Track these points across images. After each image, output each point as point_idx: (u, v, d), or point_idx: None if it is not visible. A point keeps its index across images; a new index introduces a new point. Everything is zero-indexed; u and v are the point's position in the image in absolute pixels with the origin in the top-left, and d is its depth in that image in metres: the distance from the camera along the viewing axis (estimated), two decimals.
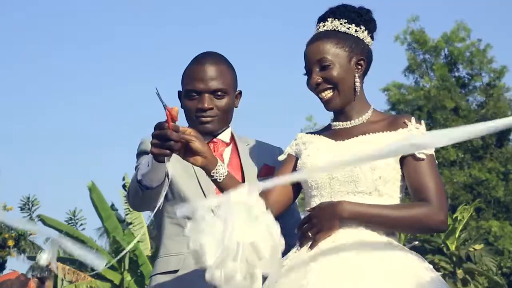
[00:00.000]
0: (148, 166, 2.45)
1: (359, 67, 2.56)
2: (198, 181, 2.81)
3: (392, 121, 2.55)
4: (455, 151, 27.57)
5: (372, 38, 2.62)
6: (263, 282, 2.54)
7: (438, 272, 2.40)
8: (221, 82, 2.83)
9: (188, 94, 2.84)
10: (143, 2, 54.81)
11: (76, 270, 19.57)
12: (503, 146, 28.44)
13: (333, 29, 2.56)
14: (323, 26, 2.58)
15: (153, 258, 17.31)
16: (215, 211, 2.13)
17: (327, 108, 2.57)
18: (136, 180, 2.53)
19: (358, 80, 2.56)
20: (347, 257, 2.33)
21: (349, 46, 2.54)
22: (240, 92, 2.94)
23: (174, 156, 2.41)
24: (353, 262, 2.31)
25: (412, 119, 2.53)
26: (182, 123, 2.43)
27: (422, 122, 2.54)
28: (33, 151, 52.15)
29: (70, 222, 23.35)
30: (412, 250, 2.46)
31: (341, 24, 2.56)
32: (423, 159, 2.46)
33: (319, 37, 2.56)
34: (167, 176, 2.46)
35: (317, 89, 2.55)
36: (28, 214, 23.55)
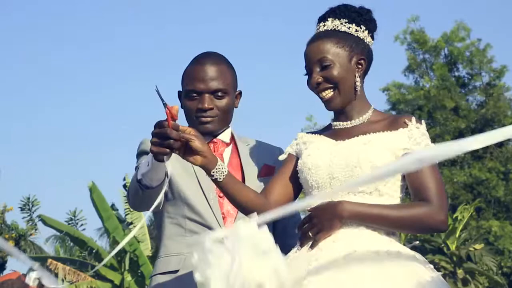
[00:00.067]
0: (148, 165, 2.45)
1: (360, 66, 2.56)
2: (198, 180, 2.81)
3: (393, 121, 2.54)
4: None
5: (372, 38, 2.62)
6: None
7: (438, 272, 2.40)
8: (221, 82, 2.83)
9: (188, 94, 2.84)
10: (143, 2, 54.82)
11: (76, 270, 19.56)
12: (503, 146, 28.43)
13: (333, 28, 2.56)
14: (324, 25, 2.58)
15: (153, 258, 17.31)
16: (223, 241, 2.10)
17: (328, 107, 2.57)
18: (136, 180, 2.53)
19: (358, 79, 2.56)
20: (347, 256, 2.32)
21: (349, 45, 2.54)
22: (240, 92, 2.94)
23: (174, 156, 2.41)
24: (353, 262, 2.30)
25: (413, 118, 2.52)
26: (182, 123, 2.42)
27: (423, 121, 2.54)
28: (33, 151, 52.16)
29: (71, 222, 23.34)
30: (412, 250, 2.45)
31: (341, 23, 2.56)
32: None
33: (319, 36, 2.56)
34: (167, 175, 2.45)
35: (317, 88, 2.55)
36: (28, 214, 23.53)
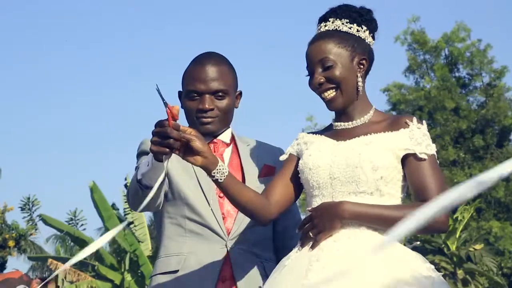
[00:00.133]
0: (148, 165, 2.44)
1: (361, 66, 2.55)
2: (198, 181, 2.81)
3: (394, 121, 2.54)
4: (455, 151, 27.56)
5: (373, 37, 2.61)
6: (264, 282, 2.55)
7: (438, 273, 2.40)
8: (222, 83, 2.82)
9: (189, 95, 2.84)
10: (143, 2, 54.81)
11: (76, 270, 19.55)
12: (503, 147, 28.42)
13: (334, 28, 2.55)
14: (325, 26, 2.57)
15: (153, 258, 17.30)
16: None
17: (330, 108, 2.56)
18: (136, 180, 2.53)
19: (360, 79, 2.55)
20: (348, 257, 2.32)
21: (351, 45, 2.53)
22: (240, 93, 2.93)
23: (174, 156, 2.40)
24: (354, 262, 2.29)
25: (414, 119, 2.52)
26: (183, 123, 2.41)
27: (424, 122, 2.53)
28: (33, 151, 52.18)
29: (71, 222, 23.33)
30: (413, 250, 2.45)
31: (342, 24, 2.55)
32: (424, 159, 2.45)
33: (320, 37, 2.55)
34: (166, 175, 2.44)
35: (319, 89, 2.54)
36: (28, 214, 23.53)
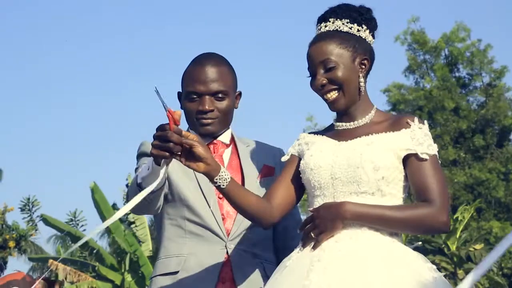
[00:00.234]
0: (148, 169, 2.44)
1: (363, 66, 2.54)
2: (198, 182, 2.80)
3: (395, 121, 2.53)
4: (456, 151, 27.55)
5: (373, 36, 2.60)
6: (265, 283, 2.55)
7: (440, 273, 2.39)
8: (221, 84, 2.82)
9: (189, 96, 2.83)
10: (143, 2, 54.79)
11: (77, 270, 19.56)
12: (503, 146, 28.41)
13: (335, 29, 2.54)
14: (325, 26, 2.56)
15: (154, 258, 17.30)
16: None
17: (332, 109, 2.55)
18: (136, 184, 2.52)
19: (362, 80, 2.54)
20: (350, 257, 2.32)
21: (352, 46, 2.52)
22: (240, 93, 2.92)
23: (174, 161, 2.39)
24: (356, 262, 2.30)
25: (415, 119, 2.51)
26: (183, 124, 2.41)
27: (425, 122, 2.53)
28: (34, 151, 52.17)
29: (71, 223, 23.33)
30: (414, 250, 2.45)
31: (343, 24, 2.54)
32: (426, 159, 2.44)
33: (321, 37, 2.54)
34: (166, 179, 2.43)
35: (322, 90, 2.53)
36: (28, 215, 23.53)
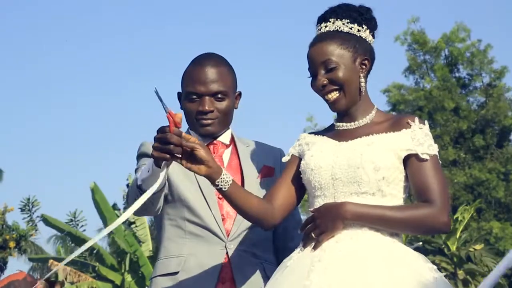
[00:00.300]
0: (148, 171, 2.44)
1: (364, 67, 2.54)
2: (197, 182, 2.80)
3: (396, 121, 2.53)
4: (455, 151, 27.55)
5: (373, 36, 2.60)
6: (266, 282, 2.55)
7: (441, 273, 2.39)
8: (221, 84, 2.82)
9: (189, 97, 2.83)
10: (143, 2, 54.82)
11: (77, 271, 19.57)
12: (503, 147, 28.42)
13: (335, 29, 2.54)
14: (325, 26, 2.55)
15: (154, 259, 17.31)
16: None
17: (333, 109, 2.55)
18: (136, 185, 2.52)
19: (363, 80, 2.54)
20: (350, 257, 2.32)
21: (353, 46, 2.52)
22: (240, 93, 2.92)
23: (174, 162, 2.39)
24: (356, 263, 2.30)
25: (416, 119, 2.51)
26: (183, 125, 2.41)
27: (426, 122, 2.53)
28: (34, 151, 52.21)
29: (71, 223, 23.34)
30: (415, 250, 2.45)
31: (343, 24, 2.54)
32: (426, 160, 2.44)
33: (322, 38, 2.53)
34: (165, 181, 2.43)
35: (323, 91, 2.53)
36: (28, 215, 23.54)
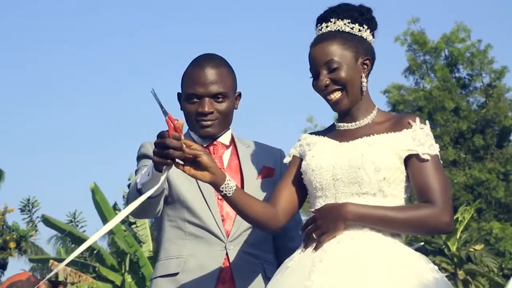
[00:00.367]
0: (148, 175, 2.44)
1: (365, 66, 2.54)
2: (197, 183, 2.79)
3: (397, 121, 2.53)
4: (455, 151, 27.56)
5: (373, 36, 2.60)
6: (266, 283, 2.55)
7: (442, 273, 2.39)
8: (221, 86, 2.81)
9: (188, 98, 2.83)
10: (143, 2, 54.83)
11: (77, 271, 19.57)
12: (503, 147, 28.42)
13: (337, 29, 2.53)
14: (326, 26, 2.55)
15: (154, 259, 17.31)
16: None
17: (335, 109, 2.55)
18: (136, 189, 2.52)
19: (365, 80, 2.54)
20: (351, 258, 2.32)
21: (354, 46, 2.51)
22: (239, 94, 2.92)
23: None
24: (357, 263, 2.30)
25: (417, 119, 2.51)
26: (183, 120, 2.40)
27: (427, 122, 2.52)
28: (34, 152, 52.21)
29: (71, 224, 23.35)
30: (416, 251, 2.45)
31: (345, 24, 2.54)
32: (427, 160, 2.44)
33: (324, 38, 2.53)
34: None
35: (325, 91, 2.52)
36: (28, 216, 23.55)
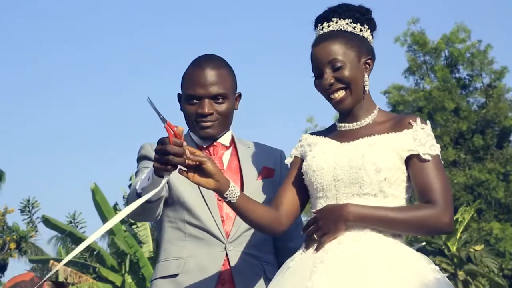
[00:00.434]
0: (148, 180, 2.44)
1: (367, 66, 2.55)
2: (198, 187, 2.79)
3: (398, 121, 2.52)
4: (455, 152, 27.55)
5: (372, 37, 2.60)
6: (267, 284, 2.55)
7: (443, 274, 2.39)
8: (221, 87, 2.81)
9: (188, 99, 2.82)
10: (143, 2, 54.83)
11: (78, 272, 19.56)
12: (503, 147, 28.42)
13: (339, 29, 2.53)
14: (328, 26, 2.55)
15: (154, 260, 17.31)
16: None
17: (338, 108, 2.55)
18: (136, 193, 2.53)
19: (367, 79, 2.54)
20: (353, 259, 2.32)
21: (357, 46, 2.52)
22: (239, 94, 2.92)
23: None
24: (358, 264, 2.30)
25: (418, 119, 2.50)
26: (183, 126, 2.41)
27: (428, 122, 2.52)
28: (34, 152, 52.23)
29: (70, 225, 23.35)
30: (417, 251, 2.45)
31: (347, 24, 2.54)
32: (428, 160, 2.44)
33: (326, 37, 2.53)
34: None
35: (329, 89, 2.52)
36: (28, 216, 23.56)
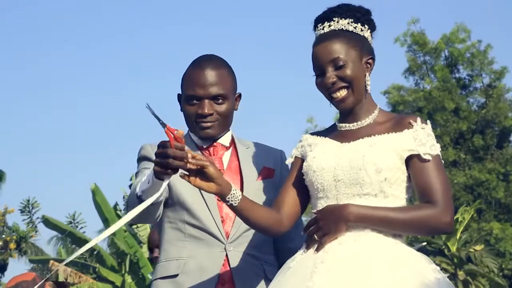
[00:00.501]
0: (148, 183, 2.45)
1: (369, 66, 2.55)
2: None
3: (398, 121, 2.52)
4: (455, 152, 27.56)
5: (371, 37, 2.60)
6: (267, 284, 2.55)
7: (444, 274, 2.39)
8: (221, 87, 2.81)
9: (188, 99, 2.82)
10: (143, 2, 54.84)
11: (78, 272, 19.56)
12: (503, 148, 28.42)
13: (340, 28, 2.53)
14: (329, 26, 2.55)
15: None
16: None
17: (340, 108, 2.55)
18: (136, 196, 2.53)
19: (368, 79, 2.54)
20: (353, 259, 2.32)
21: (358, 45, 2.52)
22: (239, 95, 2.92)
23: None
24: (359, 264, 2.30)
25: (418, 119, 2.50)
26: (183, 127, 2.41)
27: (428, 122, 2.52)
28: (34, 152, 52.24)
29: (70, 225, 23.35)
30: (418, 251, 2.45)
31: (348, 23, 2.54)
32: (429, 160, 2.44)
33: (328, 37, 2.53)
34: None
35: (331, 88, 2.52)
36: (28, 216, 23.56)
